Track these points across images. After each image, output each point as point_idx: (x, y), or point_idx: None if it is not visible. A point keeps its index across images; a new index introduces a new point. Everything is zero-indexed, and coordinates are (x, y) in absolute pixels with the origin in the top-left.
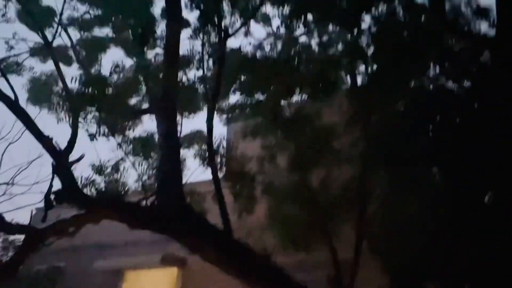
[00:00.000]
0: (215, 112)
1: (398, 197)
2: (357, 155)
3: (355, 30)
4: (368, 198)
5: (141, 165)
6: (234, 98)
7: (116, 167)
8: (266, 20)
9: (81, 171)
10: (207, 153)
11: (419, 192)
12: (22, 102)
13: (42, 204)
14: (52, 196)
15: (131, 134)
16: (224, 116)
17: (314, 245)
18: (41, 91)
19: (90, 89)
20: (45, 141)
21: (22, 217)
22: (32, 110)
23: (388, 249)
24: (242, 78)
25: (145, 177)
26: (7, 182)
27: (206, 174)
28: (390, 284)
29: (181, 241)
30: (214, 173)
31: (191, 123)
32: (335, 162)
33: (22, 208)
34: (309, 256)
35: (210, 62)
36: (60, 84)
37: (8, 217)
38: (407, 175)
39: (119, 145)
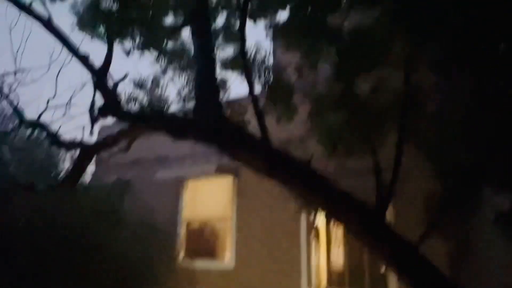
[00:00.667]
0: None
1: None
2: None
3: None
4: (418, 104)
5: (180, 78)
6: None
7: (156, 82)
8: None
9: (124, 88)
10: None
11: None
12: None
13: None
14: (96, 111)
15: (168, 48)
16: (269, 29)
17: (358, 152)
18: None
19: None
20: (82, 58)
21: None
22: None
23: (441, 154)
24: None
25: (184, 90)
26: (65, 103)
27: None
28: (441, 191)
29: (222, 150)
30: (248, 77)
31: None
32: (384, 68)
33: (82, 128)
34: (355, 162)
35: None
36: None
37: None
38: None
39: (157, 59)
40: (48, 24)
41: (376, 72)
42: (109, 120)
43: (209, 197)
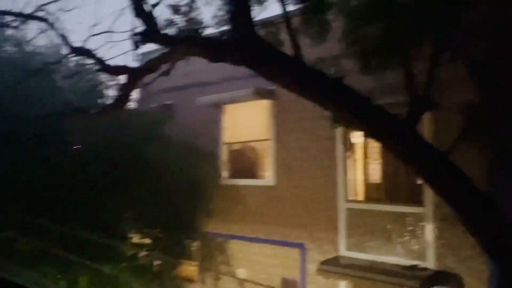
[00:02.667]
0: None
1: None
2: None
3: None
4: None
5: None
6: None
7: (191, 5)
8: None
9: (161, 13)
10: None
11: None
12: None
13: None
14: (137, 37)
15: None
16: None
17: (392, 64)
18: None
19: None
20: None
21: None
22: None
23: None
24: None
25: (219, 13)
26: (108, 30)
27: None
28: (479, 102)
29: (257, 70)
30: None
31: None
32: None
33: (126, 53)
34: (390, 80)
35: None
36: None
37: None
38: None
39: None
40: None
41: None
42: (150, 46)
43: (248, 120)
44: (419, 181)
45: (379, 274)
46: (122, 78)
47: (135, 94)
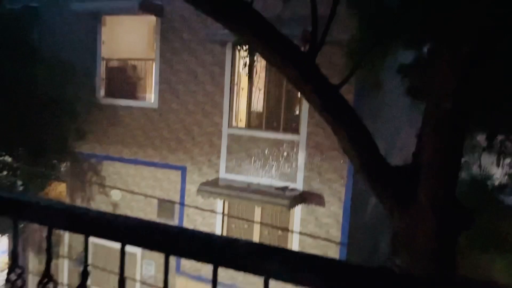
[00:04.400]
0: None
1: None
2: None
3: None
4: None
5: None
6: None
7: None
8: None
9: None
10: None
11: None
12: None
13: None
14: None
15: None
16: None
17: None
18: None
19: None
20: None
21: None
22: None
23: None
24: None
25: None
26: None
27: None
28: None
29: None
30: None
31: None
32: None
33: None
34: (288, 11)
35: None
36: None
37: None
38: None
39: None
40: None
41: None
42: None
43: (130, 35)
44: (297, 112)
45: (254, 194)
46: None
47: None
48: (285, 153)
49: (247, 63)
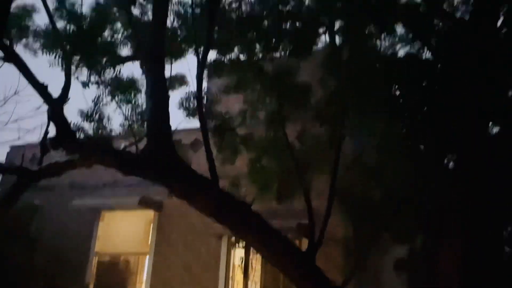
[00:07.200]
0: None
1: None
2: (331, 110)
3: None
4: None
5: (128, 110)
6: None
7: (102, 113)
8: None
9: (70, 118)
10: (194, 105)
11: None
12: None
13: (18, 142)
14: (48, 142)
15: (116, 79)
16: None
17: (290, 195)
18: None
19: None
20: (40, 88)
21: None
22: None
23: (352, 201)
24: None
25: (132, 123)
26: None
27: (184, 123)
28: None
29: (171, 188)
30: (203, 126)
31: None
32: (311, 117)
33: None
34: (283, 205)
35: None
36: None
37: None
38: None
39: (104, 89)
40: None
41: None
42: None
43: (126, 229)
44: None
45: None
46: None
47: None
48: None
49: (243, 258)
